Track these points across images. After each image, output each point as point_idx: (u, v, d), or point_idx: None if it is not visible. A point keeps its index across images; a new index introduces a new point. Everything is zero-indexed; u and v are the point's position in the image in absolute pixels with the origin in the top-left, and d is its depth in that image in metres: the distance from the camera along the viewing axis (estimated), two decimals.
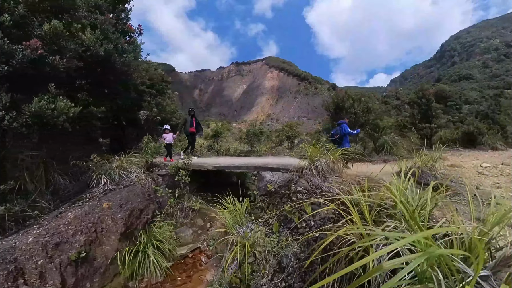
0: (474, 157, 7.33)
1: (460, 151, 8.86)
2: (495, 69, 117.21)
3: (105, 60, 5.02)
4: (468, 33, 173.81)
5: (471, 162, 6.13)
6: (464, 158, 7.05)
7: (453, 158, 7.02)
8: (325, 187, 3.76)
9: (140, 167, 5.60)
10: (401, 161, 3.58)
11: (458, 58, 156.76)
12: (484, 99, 74.03)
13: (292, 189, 4.08)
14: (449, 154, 8.02)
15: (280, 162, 5.59)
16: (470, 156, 7.70)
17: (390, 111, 79.11)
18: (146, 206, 4.56)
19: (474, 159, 6.85)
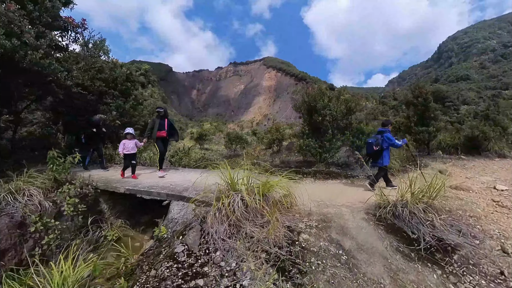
0: (481, 169, 6.00)
1: (463, 160, 7.52)
2: (492, 69, 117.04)
3: (9, 58, 3.80)
4: (465, 33, 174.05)
5: (481, 180, 4.77)
6: (469, 172, 5.72)
7: (455, 171, 5.68)
8: (218, 256, 2.30)
9: (47, 187, 4.22)
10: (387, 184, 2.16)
11: (455, 59, 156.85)
12: (482, 100, 73.43)
13: (166, 252, 2.55)
14: (450, 164, 6.68)
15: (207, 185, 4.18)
16: (475, 167, 6.37)
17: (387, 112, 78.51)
18: (15, 243, 3.14)
19: (482, 173, 5.52)
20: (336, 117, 5.13)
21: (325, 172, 5.50)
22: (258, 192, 2.76)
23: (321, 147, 5.40)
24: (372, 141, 4.27)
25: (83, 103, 7.71)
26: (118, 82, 9.21)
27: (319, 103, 5.09)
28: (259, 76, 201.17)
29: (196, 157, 11.20)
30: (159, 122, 5.27)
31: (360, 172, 5.49)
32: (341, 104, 5.34)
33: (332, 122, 5.15)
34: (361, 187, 4.52)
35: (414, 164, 6.22)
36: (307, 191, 4.41)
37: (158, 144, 5.35)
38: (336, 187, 4.64)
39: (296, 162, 7.12)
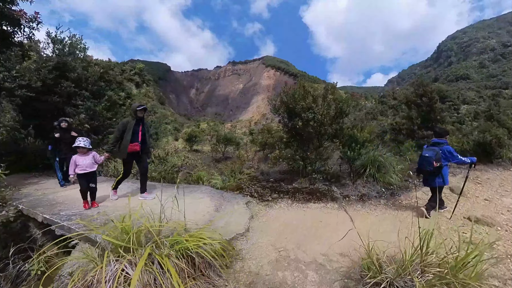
0: (498, 185, 4.94)
1: (474, 170, 6.43)
2: (491, 69, 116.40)
3: None
4: (464, 33, 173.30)
5: (504, 203, 3.73)
6: (486, 189, 4.66)
7: (469, 188, 4.59)
8: None
9: None
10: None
11: (455, 58, 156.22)
12: (482, 99, 72.60)
13: None
14: (461, 177, 5.59)
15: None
16: (491, 181, 5.32)
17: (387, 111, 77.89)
18: None
19: (502, 191, 4.47)
20: (322, 122, 4.04)
21: (307, 190, 4.42)
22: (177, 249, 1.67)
23: (304, 158, 4.34)
24: (431, 155, 3.31)
25: (47, 105, 6.91)
26: (90, 82, 8.27)
27: (299, 105, 3.99)
28: (258, 75, 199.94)
29: (175, 163, 10.04)
30: (132, 128, 3.66)
31: (352, 190, 4.41)
32: (329, 105, 4.26)
33: (317, 128, 4.07)
34: (347, 218, 3.44)
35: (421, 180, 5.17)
36: (274, 224, 3.35)
37: (126, 163, 3.77)
38: (316, 217, 3.55)
39: (280, 173, 6.03)
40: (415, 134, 7.62)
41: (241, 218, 3.56)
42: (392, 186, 4.41)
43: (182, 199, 4.22)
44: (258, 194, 4.71)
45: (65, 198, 4.25)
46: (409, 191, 4.31)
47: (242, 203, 4.21)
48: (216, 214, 3.78)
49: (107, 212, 3.34)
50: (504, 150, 7.12)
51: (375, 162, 4.83)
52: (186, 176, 7.90)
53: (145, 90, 73.34)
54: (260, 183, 5.51)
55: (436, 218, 3.23)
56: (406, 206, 3.74)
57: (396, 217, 3.32)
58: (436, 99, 7.52)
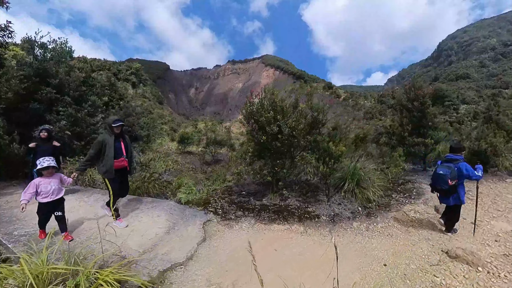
0: (491, 201, 4.44)
1: (468, 182, 5.93)
2: (492, 68, 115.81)
3: None
4: (465, 32, 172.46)
5: (493, 229, 3.22)
6: (484, 205, 4.12)
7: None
8: None
9: None
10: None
11: (455, 57, 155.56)
12: (481, 99, 72.16)
13: None
14: None
15: None
16: (484, 195, 4.84)
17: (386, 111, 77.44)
18: None
19: (494, 211, 3.98)
20: (292, 135, 3.53)
21: (275, 208, 3.96)
22: None
23: (273, 173, 3.86)
24: (446, 173, 3.12)
25: (25, 114, 6.66)
26: (71, 88, 7.92)
27: (263, 117, 3.47)
28: (257, 74, 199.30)
29: (156, 170, 9.51)
30: (114, 145, 3.27)
31: (325, 208, 3.91)
32: (301, 115, 3.76)
33: (287, 141, 3.57)
34: (308, 246, 2.97)
35: (406, 194, 4.66)
36: (223, 250, 2.95)
37: (113, 181, 3.28)
38: (273, 244, 3.11)
39: (256, 184, 5.55)
40: (405, 141, 7.12)
41: (189, 243, 3.23)
42: (371, 203, 3.93)
43: (139, 216, 3.76)
44: (222, 210, 4.30)
45: (28, 213, 3.83)
46: (389, 210, 3.83)
47: (199, 223, 3.84)
48: (165, 237, 3.41)
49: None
50: (500, 159, 6.63)
51: (355, 175, 4.35)
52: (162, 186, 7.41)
53: (142, 90, 72.77)
54: (230, 196, 5.05)
55: (415, 251, 2.76)
56: (380, 231, 3.26)
57: (363, 249, 2.85)
58: (428, 104, 7.01)
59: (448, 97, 69.71)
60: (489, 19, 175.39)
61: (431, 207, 3.91)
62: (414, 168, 7.75)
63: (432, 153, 7.59)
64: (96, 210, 4.05)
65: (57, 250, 2.43)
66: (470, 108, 65.52)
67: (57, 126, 6.86)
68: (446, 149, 8.01)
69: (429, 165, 7.68)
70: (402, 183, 5.54)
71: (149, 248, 3.02)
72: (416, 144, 6.73)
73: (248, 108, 3.77)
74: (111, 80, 21.47)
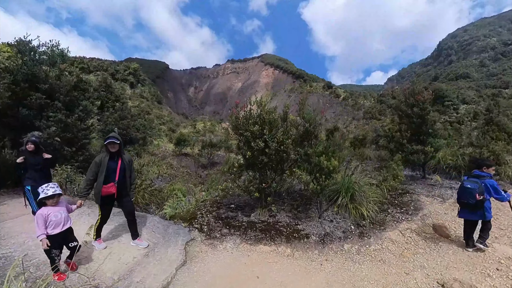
0: (494, 219, 4.13)
1: None
2: (492, 68, 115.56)
3: None
4: (465, 31, 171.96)
5: (495, 254, 2.89)
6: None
7: (456, 224, 3.79)
8: None
9: None
10: None
11: (455, 57, 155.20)
12: (481, 99, 71.94)
13: None
14: (451, 203, 4.82)
15: None
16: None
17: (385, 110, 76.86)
18: None
19: (496, 231, 3.66)
20: (279, 150, 3.24)
21: (263, 225, 3.69)
22: None
23: (260, 189, 3.59)
24: (474, 187, 3.08)
25: (14, 120, 6.51)
26: (62, 93, 7.68)
27: (248, 131, 3.19)
28: (256, 73, 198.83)
29: (147, 177, 9.21)
30: (107, 165, 2.92)
31: (316, 226, 3.64)
32: (291, 127, 3.47)
33: (275, 156, 3.29)
34: (293, 272, 2.71)
35: (403, 209, 4.39)
36: (202, 277, 2.81)
37: (101, 207, 3.07)
38: (256, 269, 2.84)
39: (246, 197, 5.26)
40: (404, 148, 6.85)
41: (167, 267, 2.99)
42: (365, 220, 3.66)
43: (119, 236, 3.52)
44: (208, 227, 4.05)
45: (8, 230, 3.61)
46: (383, 229, 3.56)
47: (180, 244, 3.57)
48: (143, 261, 3.17)
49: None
50: (502, 167, 6.36)
51: (349, 189, 4.08)
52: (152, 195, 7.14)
53: (140, 90, 72.32)
54: (218, 210, 4.79)
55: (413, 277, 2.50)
56: (372, 255, 3.00)
57: (352, 278, 2.58)
58: (428, 110, 6.73)
59: (448, 97, 69.46)
60: (489, 18, 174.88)
61: (429, 226, 3.63)
62: (413, 175, 7.48)
63: (432, 161, 7.33)
64: (77, 228, 3.79)
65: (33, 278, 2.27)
66: (470, 108, 65.31)
67: (46, 133, 6.65)
68: (446, 156, 7.77)
69: (428, 173, 7.42)
70: (400, 194, 5.28)
71: (124, 275, 2.79)
72: (415, 152, 6.47)
73: (234, 121, 3.49)
74: (107, 81, 21.10)
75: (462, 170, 6.90)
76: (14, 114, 6.45)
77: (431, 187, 6.09)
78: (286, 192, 4.73)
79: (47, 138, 6.58)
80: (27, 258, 2.85)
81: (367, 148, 15.40)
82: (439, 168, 7.48)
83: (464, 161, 6.96)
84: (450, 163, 7.30)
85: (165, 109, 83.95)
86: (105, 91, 18.47)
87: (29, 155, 3.93)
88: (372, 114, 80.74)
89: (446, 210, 4.40)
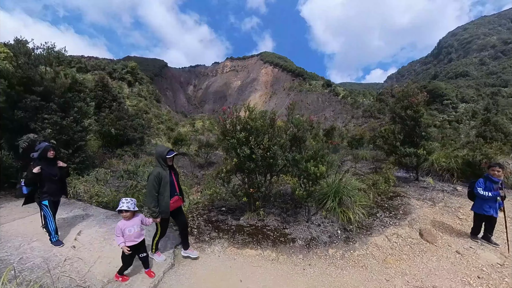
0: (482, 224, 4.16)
1: (458, 195, 5.72)
2: (491, 66, 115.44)
3: None
4: (465, 29, 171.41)
5: (481, 262, 2.90)
6: (464, 227, 3.87)
7: (443, 227, 3.81)
8: None
9: None
10: None
11: (455, 55, 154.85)
12: (481, 97, 71.93)
13: None
14: (441, 207, 4.86)
15: None
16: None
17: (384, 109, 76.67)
18: None
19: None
20: (265, 156, 3.25)
21: (251, 229, 3.72)
22: None
23: (248, 194, 3.60)
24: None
25: (10, 123, 6.51)
26: (57, 95, 7.67)
27: (234, 138, 3.19)
28: (255, 71, 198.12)
29: (146, 177, 9.19)
30: (166, 178, 2.84)
31: (303, 230, 3.67)
32: (278, 133, 3.48)
33: (261, 162, 3.30)
34: (276, 277, 2.75)
35: (392, 213, 4.41)
36: (187, 281, 2.87)
37: (165, 221, 3.02)
38: (240, 274, 2.89)
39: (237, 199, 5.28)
40: (397, 150, 6.87)
41: (155, 271, 3.02)
42: (352, 225, 3.69)
43: (110, 239, 3.57)
44: (198, 231, 4.09)
45: (4, 234, 3.64)
46: (370, 234, 3.59)
47: (169, 247, 3.61)
48: (133, 264, 3.20)
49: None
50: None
51: (338, 193, 4.11)
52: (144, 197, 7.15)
53: (138, 89, 71.99)
54: (209, 213, 4.82)
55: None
56: (356, 261, 3.02)
57: (332, 284, 2.61)
58: (422, 113, 6.74)
59: (447, 96, 69.45)
60: (489, 16, 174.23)
61: (416, 231, 3.66)
62: (406, 177, 7.51)
63: (426, 163, 7.35)
64: (71, 232, 3.80)
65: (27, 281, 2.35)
66: (469, 107, 65.34)
67: (41, 135, 6.64)
68: (439, 158, 7.79)
69: (422, 175, 7.45)
70: (391, 197, 5.30)
71: (113, 278, 2.86)
72: (407, 155, 6.49)
73: (221, 127, 3.49)
74: (104, 80, 20.99)
75: (455, 173, 6.94)
76: (9, 117, 6.43)
77: (423, 189, 6.12)
78: (277, 195, 4.75)
79: (43, 141, 6.59)
80: (22, 261, 2.92)
81: (364, 148, 15.47)
82: (433, 170, 7.50)
83: (457, 164, 6.98)
84: (443, 165, 7.33)
85: (163, 108, 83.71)
86: (102, 91, 18.40)
87: (46, 164, 3.29)
88: (371, 112, 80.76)
89: (435, 214, 4.43)
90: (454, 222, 4.14)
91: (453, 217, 4.35)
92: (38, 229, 3.65)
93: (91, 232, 3.95)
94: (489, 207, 3.46)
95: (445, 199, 5.29)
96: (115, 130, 11.83)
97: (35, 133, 6.60)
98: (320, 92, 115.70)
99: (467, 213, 4.55)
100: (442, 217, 4.28)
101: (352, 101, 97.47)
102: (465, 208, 4.76)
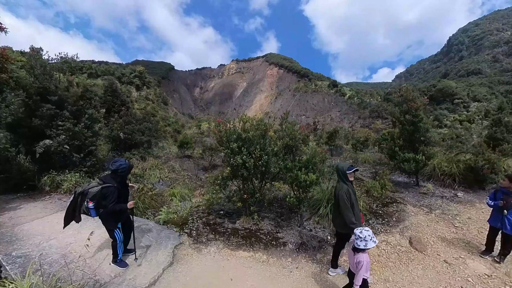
0: (477, 232, 4.17)
1: (458, 201, 5.68)
2: (506, 63, 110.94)
3: None
4: (476, 25, 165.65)
5: (464, 269, 2.94)
6: (458, 235, 3.88)
7: (439, 236, 3.84)
8: None
9: None
10: None
11: (466, 52, 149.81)
12: (494, 96, 69.22)
13: None
14: (438, 214, 4.86)
15: None
16: (472, 221, 4.56)
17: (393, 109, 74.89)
18: None
19: (476, 241, 3.69)
20: (257, 165, 3.43)
21: (246, 232, 3.91)
22: None
23: (243, 200, 3.78)
24: None
25: (29, 130, 6.94)
26: (69, 103, 8.21)
27: (228, 148, 3.40)
28: (261, 73, 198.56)
29: (154, 179, 9.59)
30: None
31: (295, 234, 3.81)
32: (270, 144, 3.65)
33: (254, 170, 3.48)
34: (265, 277, 2.93)
35: (385, 220, 4.47)
36: (184, 277, 3.15)
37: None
38: (231, 273, 3.13)
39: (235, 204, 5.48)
40: (396, 155, 6.86)
41: (156, 268, 3.37)
42: None
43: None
44: (196, 232, 4.36)
45: (26, 232, 4.07)
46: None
47: (170, 247, 3.91)
48: (135, 262, 3.52)
49: None
50: (497, 177, 6.27)
51: (330, 200, 4.22)
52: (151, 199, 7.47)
53: (146, 93, 73.79)
54: (208, 216, 5.05)
55: None
56: (341, 266, 3.15)
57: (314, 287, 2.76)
58: (421, 117, 6.72)
59: (458, 95, 67.30)
60: (503, 11, 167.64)
61: (406, 239, 3.72)
62: (407, 182, 7.47)
63: (427, 168, 7.30)
64: (83, 232, 4.12)
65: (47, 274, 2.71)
66: (481, 106, 63.03)
67: (56, 141, 7.02)
68: (441, 163, 7.69)
69: (423, 180, 7.39)
70: (386, 204, 5.33)
71: (120, 273, 3.20)
72: (406, 160, 6.48)
73: (217, 137, 3.71)
74: (113, 86, 21.74)
75: (457, 178, 6.86)
76: (27, 125, 6.89)
77: (422, 195, 6.10)
78: (272, 200, 4.90)
79: (58, 146, 7.03)
80: (42, 257, 3.30)
81: (369, 151, 15.31)
82: (434, 175, 7.42)
83: (459, 169, 6.90)
84: (445, 169, 7.25)
85: (170, 110, 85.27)
86: (111, 95, 19.10)
87: (123, 186, 3.09)
88: (379, 112, 79.22)
89: (430, 222, 4.45)
90: (448, 230, 4.16)
91: (449, 225, 4.37)
92: (55, 228, 4.02)
93: (100, 232, 4.25)
94: (495, 219, 3.23)
95: (443, 206, 5.28)
96: (124, 134, 12.31)
97: (50, 139, 7.05)
98: (326, 93, 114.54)
99: (464, 221, 4.55)
100: (436, 225, 4.30)
101: (358, 101, 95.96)
102: (463, 216, 4.75)
